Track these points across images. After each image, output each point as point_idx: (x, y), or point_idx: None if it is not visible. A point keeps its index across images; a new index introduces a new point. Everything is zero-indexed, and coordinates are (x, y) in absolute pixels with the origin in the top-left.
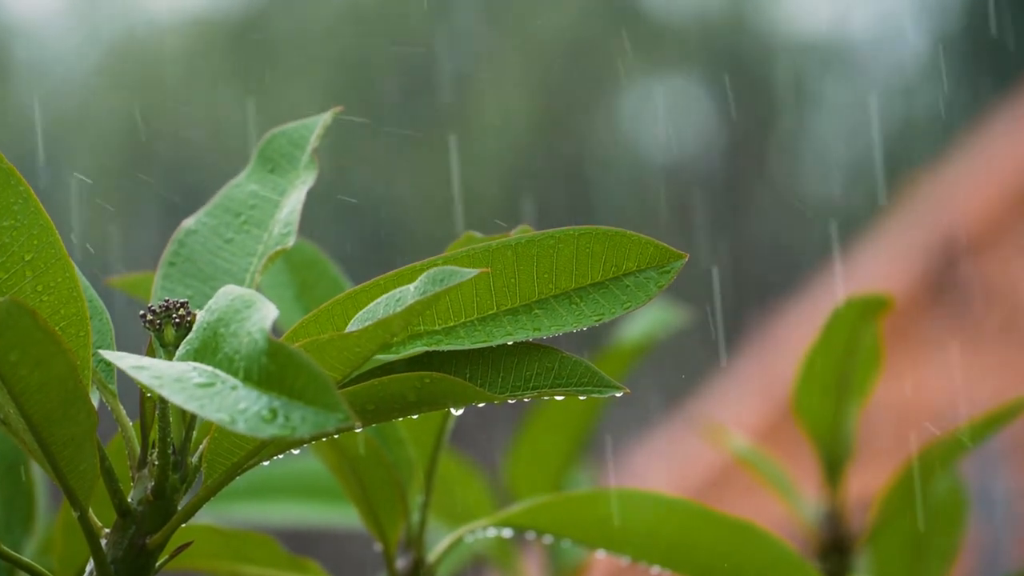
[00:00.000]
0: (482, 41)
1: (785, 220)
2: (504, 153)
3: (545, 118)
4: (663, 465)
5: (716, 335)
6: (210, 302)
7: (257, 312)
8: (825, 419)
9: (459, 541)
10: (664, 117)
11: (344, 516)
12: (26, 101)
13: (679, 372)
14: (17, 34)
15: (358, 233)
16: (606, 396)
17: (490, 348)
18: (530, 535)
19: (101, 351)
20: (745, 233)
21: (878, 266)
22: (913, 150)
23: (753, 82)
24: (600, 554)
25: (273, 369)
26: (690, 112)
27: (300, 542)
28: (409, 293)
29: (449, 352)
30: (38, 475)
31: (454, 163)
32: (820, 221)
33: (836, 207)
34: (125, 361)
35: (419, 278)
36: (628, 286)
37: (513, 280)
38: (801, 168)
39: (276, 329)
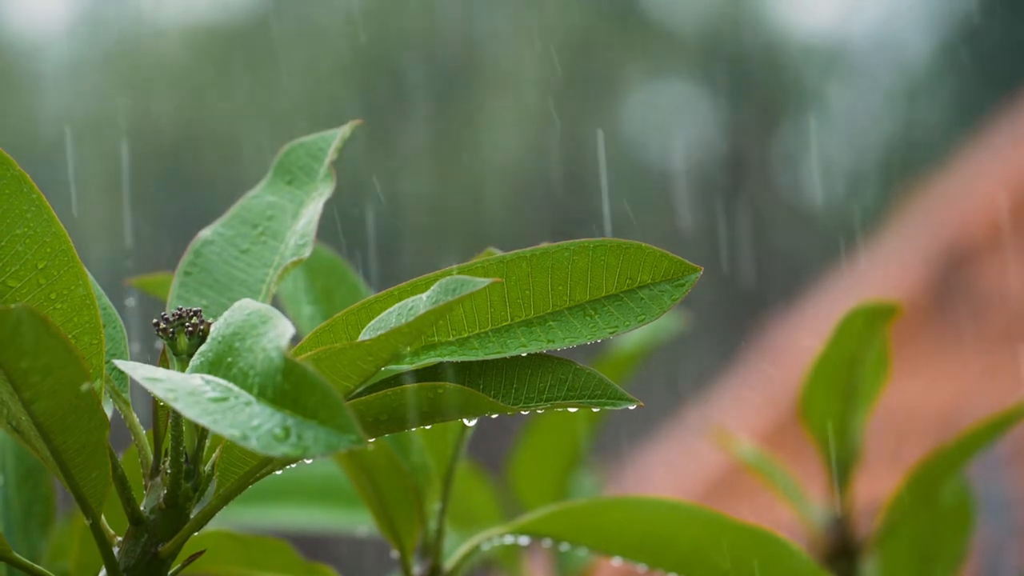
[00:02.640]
0: (481, 45)
1: (789, 225)
2: (507, 161)
3: (548, 122)
4: (668, 469)
5: (722, 340)
6: (226, 314)
7: (273, 328)
8: (832, 424)
9: (476, 549)
10: (667, 123)
11: (360, 522)
12: (37, 108)
13: (684, 377)
14: (24, 42)
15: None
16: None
17: (504, 359)
18: (546, 543)
19: (115, 360)
20: (749, 239)
21: (882, 272)
22: (916, 156)
23: (756, 88)
24: (616, 562)
25: (287, 387)
26: (693, 118)
27: (315, 547)
28: (421, 303)
29: (463, 363)
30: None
31: (454, 170)
32: (824, 227)
33: (839, 213)
34: (139, 372)
35: (431, 288)
36: (643, 299)
37: (528, 292)
38: (805, 174)
39: (294, 336)
